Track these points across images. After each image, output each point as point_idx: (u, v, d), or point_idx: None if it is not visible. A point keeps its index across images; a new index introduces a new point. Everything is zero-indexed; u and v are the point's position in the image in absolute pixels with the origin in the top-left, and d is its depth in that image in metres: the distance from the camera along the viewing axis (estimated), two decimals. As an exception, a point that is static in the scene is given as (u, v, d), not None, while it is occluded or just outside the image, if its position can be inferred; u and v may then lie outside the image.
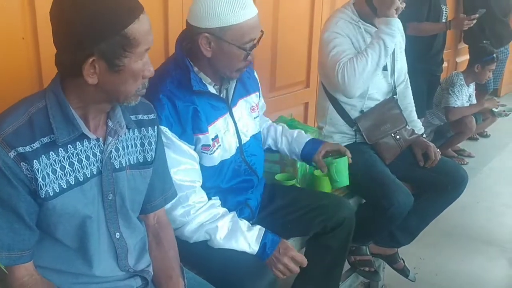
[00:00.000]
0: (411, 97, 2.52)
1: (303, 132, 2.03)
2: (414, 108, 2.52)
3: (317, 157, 1.91)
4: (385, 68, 2.27)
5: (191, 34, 1.55)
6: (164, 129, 1.51)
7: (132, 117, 1.31)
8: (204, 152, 1.61)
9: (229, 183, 1.70)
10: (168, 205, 1.51)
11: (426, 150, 2.29)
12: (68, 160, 1.16)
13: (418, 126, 2.49)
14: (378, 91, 2.30)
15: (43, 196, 1.13)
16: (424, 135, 2.53)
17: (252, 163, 1.76)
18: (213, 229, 1.55)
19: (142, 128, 1.34)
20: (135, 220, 1.35)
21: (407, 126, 2.35)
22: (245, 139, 1.74)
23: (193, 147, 1.59)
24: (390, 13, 2.07)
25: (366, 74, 2.08)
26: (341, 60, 2.09)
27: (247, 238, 1.56)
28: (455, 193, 2.30)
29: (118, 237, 1.29)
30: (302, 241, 1.92)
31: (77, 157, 1.17)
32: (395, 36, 2.08)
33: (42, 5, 1.69)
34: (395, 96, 2.37)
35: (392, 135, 2.28)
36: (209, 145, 1.61)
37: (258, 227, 1.61)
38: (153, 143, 1.37)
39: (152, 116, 1.38)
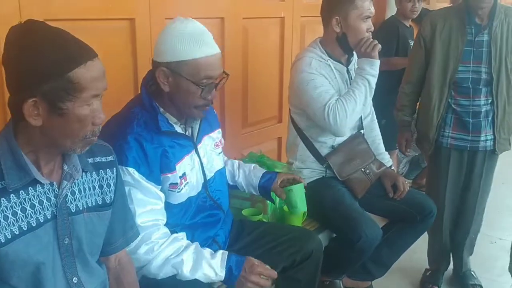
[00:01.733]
0: (378, 130, 2.60)
1: (258, 166, 2.09)
2: (381, 141, 2.58)
3: (274, 186, 1.98)
4: None
5: (153, 71, 1.60)
6: (131, 170, 1.53)
7: (90, 160, 1.33)
8: (172, 191, 1.63)
9: (194, 219, 1.72)
10: (132, 245, 1.52)
11: (395, 181, 2.35)
12: (20, 206, 1.16)
13: (386, 158, 2.54)
14: None
15: None
16: (393, 167, 2.58)
17: (216, 198, 1.80)
18: (178, 263, 1.55)
19: (100, 170, 1.36)
20: (93, 264, 1.34)
21: (375, 160, 2.40)
22: (209, 175, 1.77)
23: (160, 187, 1.61)
24: (374, 55, 2.17)
25: (355, 115, 2.18)
26: (330, 102, 2.15)
27: (212, 265, 1.58)
28: (424, 224, 2.34)
29: (76, 282, 1.28)
30: None
31: (29, 202, 1.17)
32: (377, 76, 2.19)
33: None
34: (362, 131, 2.42)
35: (362, 170, 2.32)
36: (177, 183, 1.64)
37: (221, 251, 1.64)
38: (111, 185, 1.38)
39: (110, 158, 1.39)
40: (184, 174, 1.66)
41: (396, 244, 2.38)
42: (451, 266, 2.93)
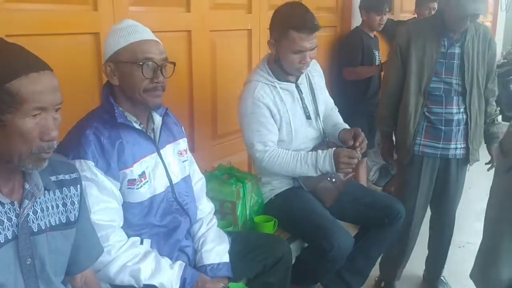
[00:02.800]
0: (339, 115, 2.58)
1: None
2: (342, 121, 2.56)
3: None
4: (308, 117, 2.35)
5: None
6: (90, 163, 1.54)
7: (52, 178, 1.31)
8: (130, 188, 1.64)
9: (162, 222, 1.72)
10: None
11: (355, 132, 2.32)
12: None
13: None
14: (305, 140, 2.34)
15: None
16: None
17: (184, 202, 1.80)
18: (136, 271, 1.57)
19: (64, 188, 1.33)
20: (58, 284, 1.32)
21: None
22: (175, 179, 1.78)
23: (119, 184, 1.61)
24: (338, 170, 2.21)
25: (284, 171, 2.25)
26: (269, 148, 2.22)
27: (169, 277, 1.61)
28: (393, 226, 2.35)
29: None
30: (247, 283, 1.94)
31: None
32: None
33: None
34: (326, 140, 2.43)
35: (328, 179, 2.32)
36: (135, 180, 1.64)
37: (178, 263, 1.67)
38: (76, 203, 1.36)
39: (74, 175, 1.37)
40: (143, 173, 1.66)
41: (369, 251, 2.40)
42: (420, 271, 2.98)
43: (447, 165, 2.61)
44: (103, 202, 1.57)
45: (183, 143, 1.89)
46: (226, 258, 1.81)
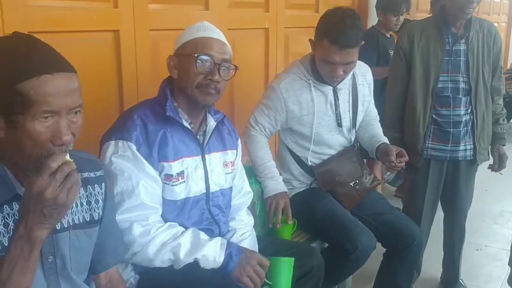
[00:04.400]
0: (379, 127, 2.52)
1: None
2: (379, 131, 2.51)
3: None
4: (339, 125, 2.29)
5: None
6: (132, 146, 1.55)
7: None
8: (166, 183, 1.63)
9: (194, 226, 1.69)
10: (127, 224, 1.51)
11: (400, 152, 2.25)
12: (3, 221, 1.12)
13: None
14: (330, 144, 2.31)
15: None
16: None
17: (215, 214, 1.76)
18: (176, 246, 1.55)
19: (88, 186, 1.32)
20: (79, 283, 1.30)
21: (367, 175, 2.37)
22: (214, 187, 1.75)
23: (158, 173, 1.60)
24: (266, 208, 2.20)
25: (249, 152, 2.29)
26: (257, 131, 2.27)
27: (211, 248, 1.58)
28: (406, 253, 2.25)
29: None
30: None
31: (12, 217, 1.13)
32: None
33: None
34: (356, 145, 2.39)
35: (351, 185, 2.27)
36: (172, 176, 1.63)
37: (220, 238, 1.64)
38: (100, 201, 1.34)
39: (99, 173, 1.36)
40: (182, 172, 1.65)
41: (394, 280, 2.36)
42: (438, 274, 2.95)
43: (456, 167, 2.58)
44: (146, 182, 1.56)
45: (231, 155, 1.85)
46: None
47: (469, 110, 2.48)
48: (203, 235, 1.63)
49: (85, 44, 2.02)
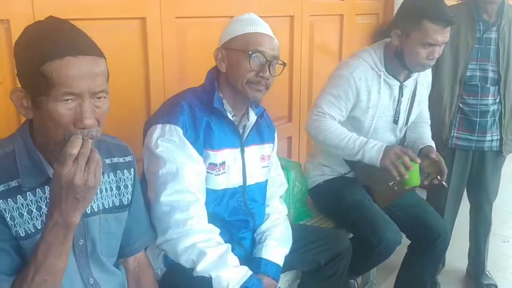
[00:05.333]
0: (429, 131, 2.43)
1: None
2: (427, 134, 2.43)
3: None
4: (395, 122, 2.24)
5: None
6: (179, 129, 1.55)
7: (107, 161, 1.31)
8: (210, 172, 1.63)
9: (230, 218, 1.70)
10: (167, 208, 1.51)
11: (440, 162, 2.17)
12: (36, 204, 1.14)
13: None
14: (381, 141, 2.20)
15: (14, 235, 1.11)
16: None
17: (251, 207, 1.76)
18: (201, 254, 1.51)
19: (118, 171, 1.34)
20: (109, 266, 1.32)
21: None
22: (250, 181, 1.75)
23: (202, 160, 1.60)
24: (380, 164, 2.03)
25: (324, 144, 2.16)
26: (326, 116, 2.12)
27: (230, 273, 1.50)
28: (430, 249, 2.22)
29: (92, 283, 1.27)
30: (297, 273, 1.94)
31: (45, 201, 1.16)
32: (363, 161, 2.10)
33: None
34: (404, 145, 2.34)
35: (390, 184, 2.22)
36: (216, 165, 1.63)
37: (246, 268, 1.56)
38: (129, 186, 1.36)
39: (128, 158, 1.37)
40: (224, 162, 1.66)
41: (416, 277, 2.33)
42: (464, 266, 2.91)
43: (482, 157, 2.53)
44: (191, 166, 1.56)
45: (268, 148, 1.85)
46: (281, 262, 1.75)
47: (497, 100, 2.42)
48: (232, 258, 1.55)
49: (112, 31, 2.03)
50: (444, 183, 2.16)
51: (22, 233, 1.13)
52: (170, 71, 2.28)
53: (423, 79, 2.30)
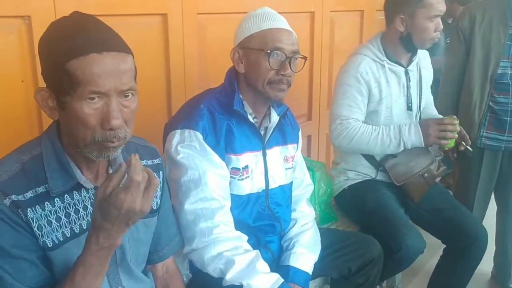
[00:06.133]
0: (435, 110, 2.47)
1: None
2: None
3: None
4: (410, 108, 2.21)
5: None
6: (199, 135, 1.49)
7: None
8: (233, 177, 1.57)
9: (255, 223, 1.63)
10: (191, 217, 1.45)
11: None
12: (64, 211, 1.09)
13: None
14: None
15: (42, 246, 1.06)
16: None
17: (275, 211, 1.69)
18: (229, 263, 1.44)
19: None
20: (138, 273, 1.27)
21: (434, 161, 2.27)
22: (273, 184, 1.68)
23: (224, 164, 1.53)
24: (429, 144, 2.05)
25: (358, 149, 2.11)
26: (348, 121, 2.07)
27: (261, 281, 1.43)
28: (469, 251, 2.15)
29: None
30: (326, 279, 1.88)
31: (74, 207, 1.10)
32: (408, 148, 2.08)
33: (42, 48, 1.67)
34: None
35: (420, 174, 2.18)
36: (239, 170, 1.57)
37: (277, 275, 1.49)
38: (158, 190, 1.30)
39: (157, 161, 1.32)
40: (247, 167, 1.59)
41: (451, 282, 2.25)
42: (489, 269, 2.83)
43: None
44: (214, 173, 1.50)
45: (292, 149, 1.77)
46: (310, 270, 1.68)
47: None
48: (262, 265, 1.48)
49: (133, 27, 1.98)
50: (469, 147, 2.22)
51: (50, 243, 1.07)
52: (191, 67, 2.24)
53: (425, 63, 2.33)
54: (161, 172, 1.32)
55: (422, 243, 2.00)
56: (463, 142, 2.18)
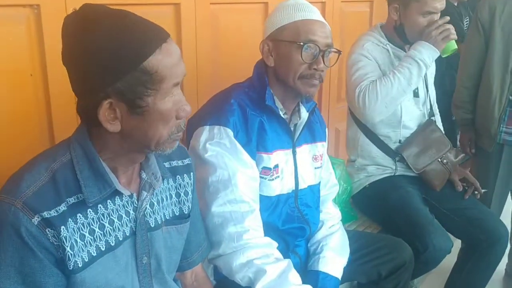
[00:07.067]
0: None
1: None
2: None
3: None
4: (416, 95, 2.15)
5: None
6: (229, 132, 1.39)
7: (166, 164, 1.15)
8: (263, 177, 1.47)
9: (284, 226, 1.54)
10: (219, 220, 1.35)
11: (465, 175, 2.18)
12: (98, 223, 0.98)
13: None
14: (411, 118, 2.15)
15: (71, 268, 0.94)
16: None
17: (305, 213, 1.60)
18: (260, 272, 1.33)
19: (177, 176, 1.18)
20: (171, 283, 1.18)
21: (451, 148, 2.22)
22: (302, 185, 1.59)
23: (254, 163, 1.44)
24: (440, 46, 1.94)
25: (389, 99, 1.92)
26: (363, 82, 1.95)
27: None
28: (491, 251, 2.08)
29: None
30: (352, 284, 1.81)
31: (108, 218, 1.00)
32: (429, 67, 1.96)
33: (51, 41, 1.56)
34: (433, 118, 2.23)
35: (439, 160, 2.13)
36: (270, 169, 1.47)
37: (309, 287, 1.40)
38: (189, 193, 1.21)
39: (187, 161, 1.22)
40: (277, 166, 1.50)
41: (471, 280, 2.18)
42: (503, 266, 2.79)
43: None
44: (244, 174, 1.40)
45: (321, 148, 1.69)
46: (340, 275, 1.60)
47: None
48: (294, 275, 1.37)
49: (146, 17, 1.86)
50: (482, 191, 2.20)
51: (80, 263, 0.96)
52: (203, 57, 2.15)
53: None
54: (192, 173, 1.23)
55: (449, 243, 1.93)
56: (475, 192, 2.18)
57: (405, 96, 1.98)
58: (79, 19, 0.92)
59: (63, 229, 0.93)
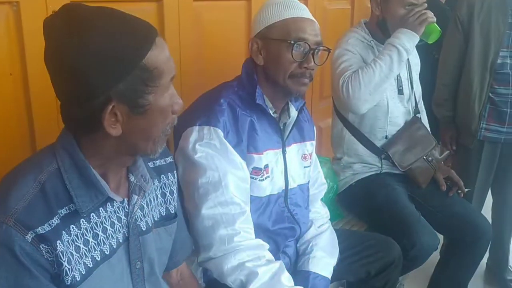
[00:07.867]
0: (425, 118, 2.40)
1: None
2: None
3: None
4: (401, 92, 2.15)
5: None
6: (219, 132, 1.36)
7: (150, 164, 1.12)
8: (254, 177, 1.46)
9: (274, 226, 1.53)
10: (209, 222, 1.33)
11: (448, 174, 2.20)
12: (92, 232, 0.94)
13: None
14: (398, 115, 2.15)
15: (69, 283, 0.89)
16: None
17: (294, 212, 1.60)
18: (252, 274, 1.32)
19: (162, 175, 1.16)
20: (163, 284, 1.16)
21: (436, 145, 2.24)
22: (292, 184, 1.58)
23: (245, 163, 1.42)
24: (418, 30, 1.93)
25: (373, 86, 1.90)
26: (346, 73, 1.95)
27: None
28: (474, 246, 2.11)
29: None
30: (341, 283, 1.81)
31: (101, 226, 0.97)
32: (411, 52, 1.95)
33: (31, 39, 1.51)
34: (418, 115, 2.24)
35: (424, 158, 2.14)
36: (260, 170, 1.46)
37: None
38: (174, 192, 1.19)
39: (169, 159, 1.20)
40: (267, 166, 1.49)
41: (454, 276, 2.21)
42: (484, 259, 2.82)
43: (511, 150, 2.42)
44: (234, 175, 1.38)
45: (310, 146, 1.69)
46: (330, 275, 1.59)
47: None
48: (286, 277, 1.37)
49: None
50: (465, 190, 2.23)
51: (78, 276, 0.92)
52: (187, 55, 2.11)
53: None
54: (175, 171, 1.21)
55: (436, 240, 1.95)
56: (459, 191, 2.20)
57: (387, 82, 1.95)
58: (64, 21, 0.87)
59: (59, 243, 0.89)
